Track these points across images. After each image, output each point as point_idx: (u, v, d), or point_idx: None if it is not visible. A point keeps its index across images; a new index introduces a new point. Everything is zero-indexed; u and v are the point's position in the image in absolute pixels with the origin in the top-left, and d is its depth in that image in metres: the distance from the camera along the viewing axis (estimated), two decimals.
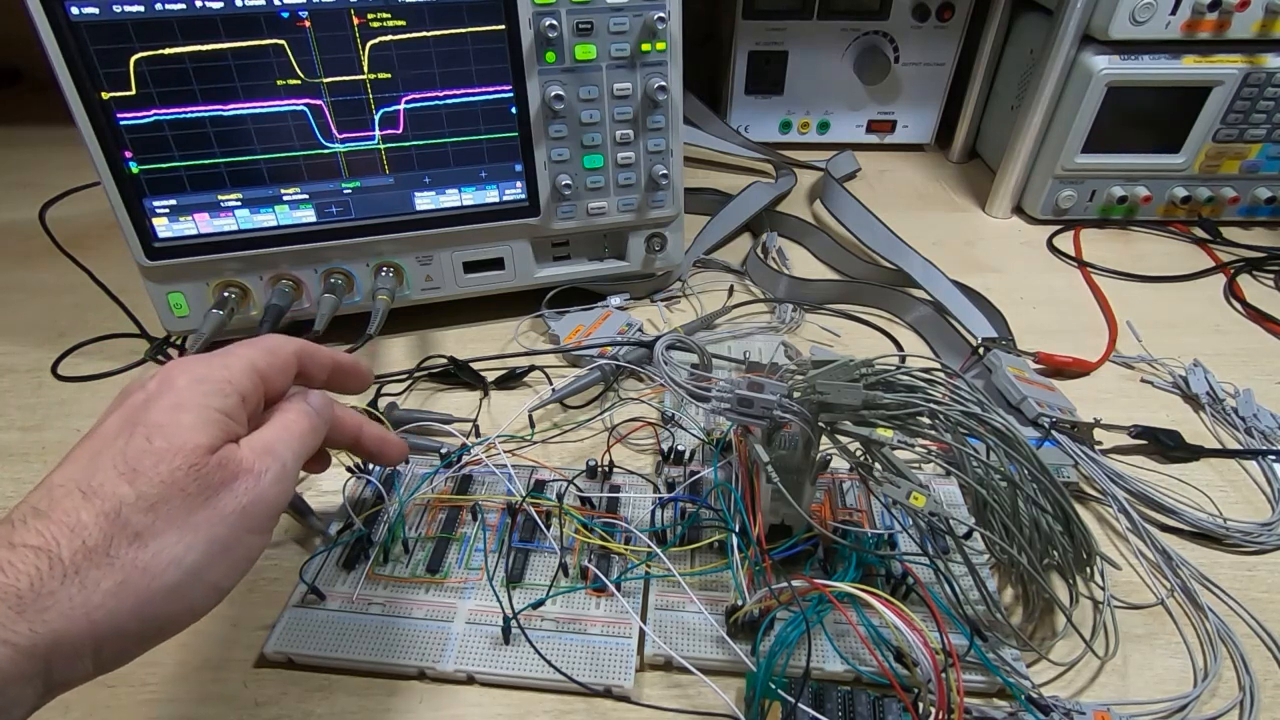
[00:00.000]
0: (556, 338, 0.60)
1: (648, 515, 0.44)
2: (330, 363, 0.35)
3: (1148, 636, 0.40)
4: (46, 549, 0.23)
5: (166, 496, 0.25)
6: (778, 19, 0.86)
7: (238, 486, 0.27)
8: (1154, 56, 0.69)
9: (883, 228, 0.70)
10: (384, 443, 0.38)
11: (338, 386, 0.36)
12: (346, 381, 0.36)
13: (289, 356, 0.32)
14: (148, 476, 0.25)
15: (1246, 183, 0.76)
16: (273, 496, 0.28)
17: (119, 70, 0.46)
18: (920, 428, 0.35)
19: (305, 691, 0.36)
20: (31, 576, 0.23)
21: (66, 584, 0.23)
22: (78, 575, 0.23)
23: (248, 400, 0.30)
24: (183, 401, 0.27)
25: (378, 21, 0.49)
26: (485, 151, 0.55)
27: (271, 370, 0.31)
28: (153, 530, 0.25)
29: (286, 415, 0.31)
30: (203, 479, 0.26)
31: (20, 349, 0.60)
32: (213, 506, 0.26)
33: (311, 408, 0.32)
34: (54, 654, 0.23)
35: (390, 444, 0.38)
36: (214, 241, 0.53)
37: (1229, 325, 0.65)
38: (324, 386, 0.35)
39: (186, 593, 0.25)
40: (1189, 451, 0.50)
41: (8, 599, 0.22)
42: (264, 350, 0.31)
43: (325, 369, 0.35)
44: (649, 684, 0.37)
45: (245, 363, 0.30)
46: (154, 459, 0.25)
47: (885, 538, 0.42)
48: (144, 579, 0.24)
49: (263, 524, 0.28)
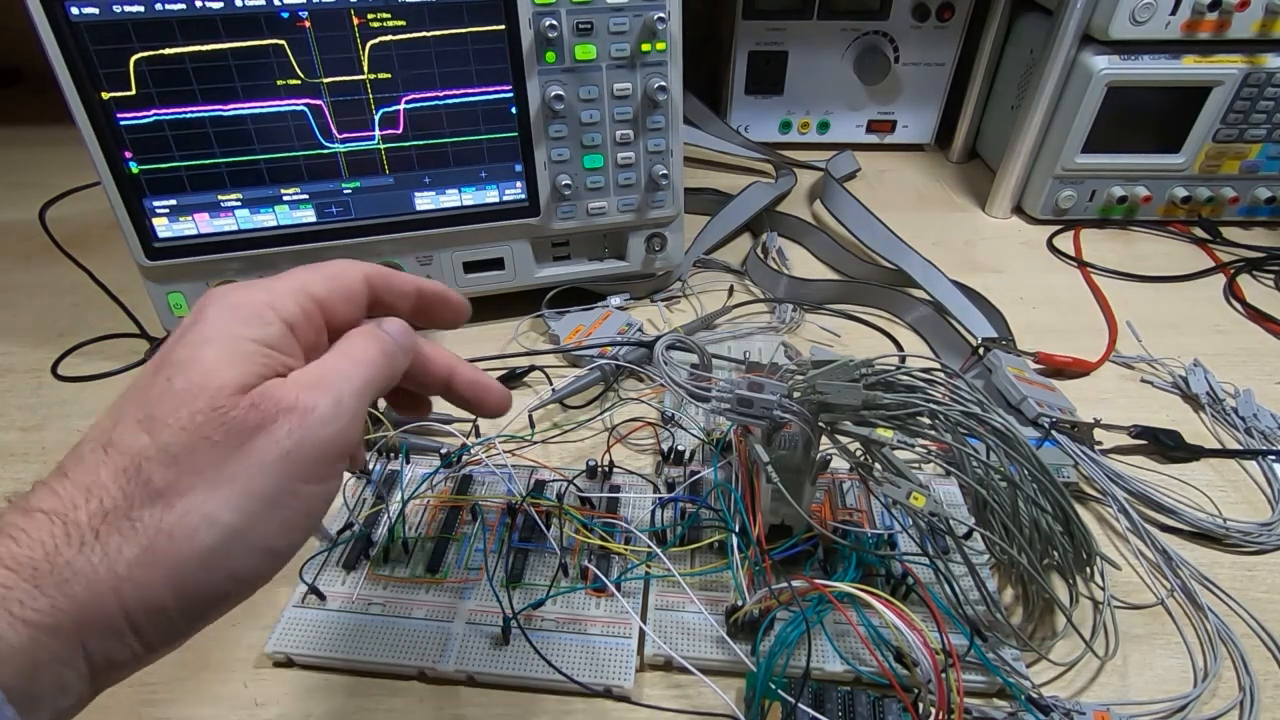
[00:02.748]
0: (556, 338, 0.60)
1: (648, 515, 0.44)
2: (412, 290, 0.29)
3: (1148, 636, 0.40)
4: (62, 514, 0.20)
5: (190, 446, 0.21)
6: (778, 19, 0.86)
7: (277, 429, 0.22)
8: (1154, 56, 0.69)
9: (883, 228, 0.70)
10: (482, 388, 0.31)
11: (425, 320, 0.30)
12: (435, 312, 0.30)
13: (355, 282, 0.27)
14: (166, 424, 0.21)
15: (1246, 183, 0.76)
16: (325, 437, 0.23)
17: (119, 70, 0.46)
18: (920, 428, 0.35)
19: (305, 691, 0.36)
20: (46, 545, 0.20)
21: (86, 552, 0.20)
22: (98, 542, 0.20)
23: (299, 330, 0.25)
24: (210, 334, 0.23)
25: (378, 21, 0.49)
26: (485, 151, 0.55)
27: (333, 297, 0.26)
28: (177, 488, 0.21)
29: (350, 342, 0.26)
30: (231, 423, 0.22)
31: (20, 349, 0.60)
32: (247, 455, 0.22)
33: (385, 333, 0.27)
34: (85, 631, 0.20)
35: (490, 390, 0.31)
36: (214, 241, 0.53)
37: (1229, 325, 0.65)
38: (413, 320, 0.30)
39: (227, 558, 0.22)
40: (1189, 451, 0.50)
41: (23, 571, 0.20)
42: (324, 274, 0.26)
43: (407, 298, 0.29)
44: (649, 684, 0.37)
45: (295, 285, 0.25)
46: (174, 403, 0.22)
47: (885, 538, 0.42)
48: (171, 545, 0.21)
49: (317, 471, 0.23)
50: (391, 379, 0.27)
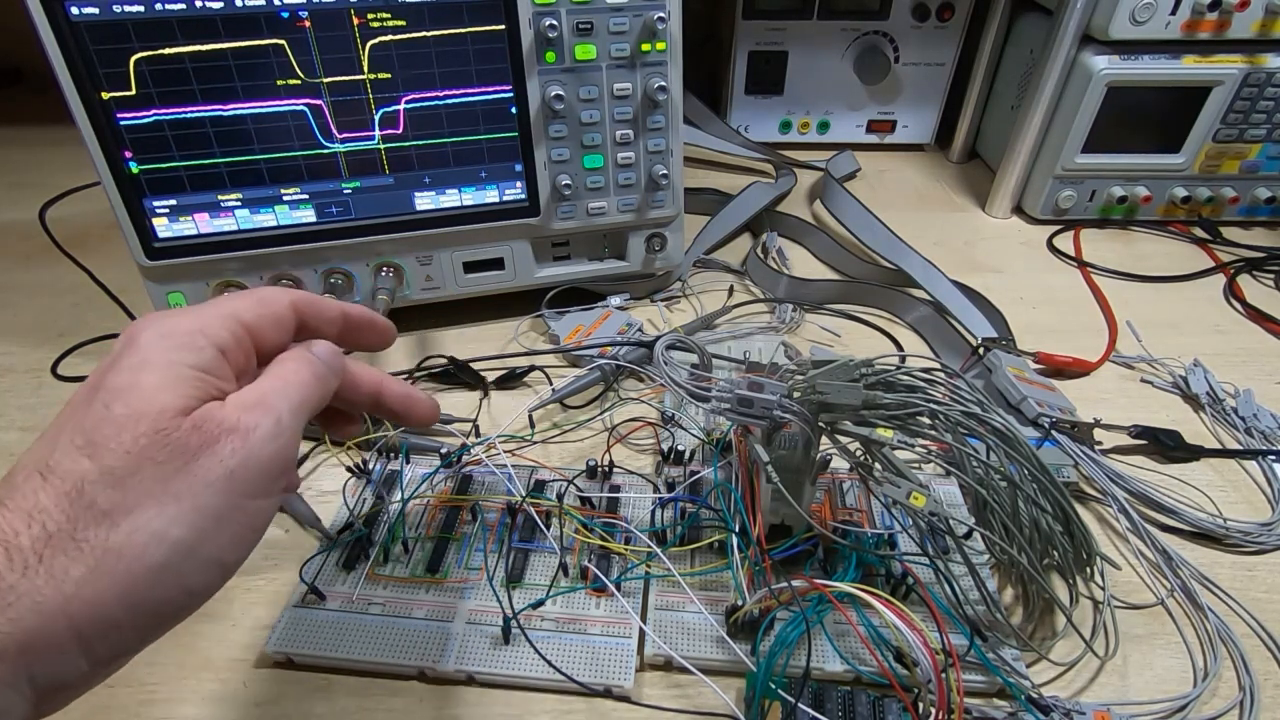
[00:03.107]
0: (556, 338, 0.60)
1: (648, 515, 0.44)
2: (338, 315, 0.30)
3: (1148, 636, 0.40)
4: (3, 540, 0.21)
5: (134, 468, 0.22)
6: (778, 19, 0.86)
7: (221, 448, 0.23)
8: (1154, 56, 0.69)
9: (883, 228, 0.70)
10: (410, 400, 0.33)
11: (352, 343, 0.32)
12: (362, 336, 0.32)
13: (283, 308, 0.28)
14: (109, 448, 0.22)
15: (1246, 183, 0.76)
16: (268, 455, 0.24)
17: (119, 70, 0.46)
18: (920, 428, 0.35)
19: (305, 691, 0.36)
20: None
21: (30, 575, 0.21)
22: (41, 565, 0.21)
23: (230, 354, 0.26)
24: (147, 359, 0.24)
25: (378, 21, 0.49)
26: (485, 151, 0.55)
27: (261, 322, 0.27)
28: (123, 507, 0.22)
29: (283, 365, 0.27)
30: (174, 445, 0.23)
31: (20, 349, 0.60)
32: (192, 473, 0.23)
33: (315, 355, 0.28)
34: (29, 654, 0.20)
35: (418, 402, 0.33)
36: (214, 241, 0.53)
37: (1229, 325, 0.65)
38: (338, 343, 0.31)
39: (179, 572, 0.23)
40: (1189, 451, 0.50)
41: None
42: (252, 300, 0.27)
43: (333, 323, 0.30)
44: (649, 684, 0.37)
45: (225, 312, 0.26)
46: (114, 428, 0.22)
47: (885, 538, 0.42)
48: (121, 562, 0.21)
49: (261, 487, 0.24)
50: (324, 398, 0.28)
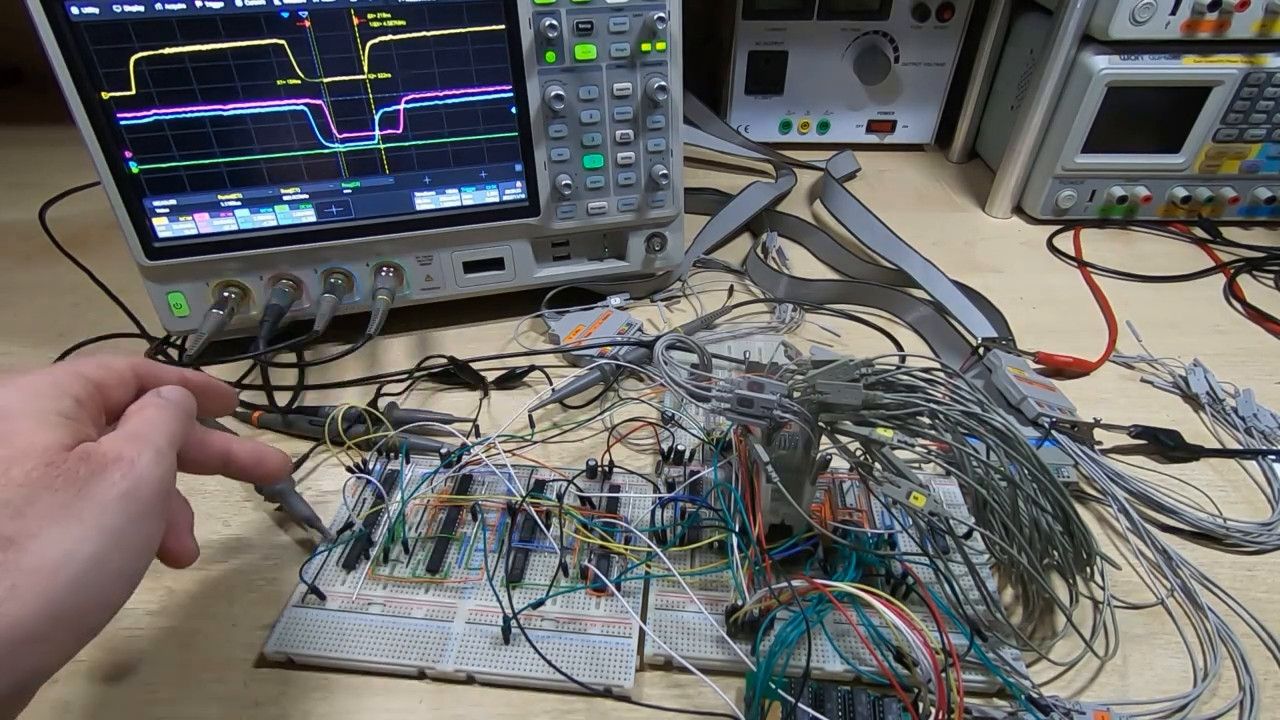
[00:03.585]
0: (556, 338, 0.60)
1: (648, 515, 0.44)
2: (178, 379, 0.32)
3: (1148, 636, 0.40)
4: None
5: (32, 497, 0.23)
6: (778, 19, 0.86)
7: (111, 474, 0.25)
8: (1154, 56, 0.69)
9: (883, 228, 0.70)
10: (260, 456, 0.34)
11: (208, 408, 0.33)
12: (202, 402, 0.33)
13: (123, 370, 0.30)
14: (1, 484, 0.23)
15: (1246, 183, 0.76)
16: (154, 479, 0.26)
17: (119, 70, 0.46)
18: (920, 428, 0.35)
19: (305, 691, 0.36)
20: None
21: None
22: None
23: (83, 404, 0.27)
24: (11, 410, 0.25)
25: (378, 21, 0.49)
26: (485, 151, 0.55)
27: (107, 381, 0.29)
28: (28, 531, 0.23)
29: (142, 409, 0.29)
30: (67, 473, 0.24)
31: (20, 349, 0.60)
32: (90, 497, 0.24)
33: (164, 398, 0.30)
34: None
35: (269, 456, 0.35)
36: (214, 241, 0.53)
37: (1229, 325, 0.65)
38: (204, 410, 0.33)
39: (92, 585, 0.24)
40: (1189, 451, 0.50)
41: None
42: (93, 362, 0.29)
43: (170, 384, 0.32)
44: (649, 684, 0.37)
45: (69, 369, 0.28)
46: (2, 466, 0.23)
47: (885, 538, 0.42)
48: (37, 579, 0.23)
49: (151, 507, 0.26)
50: (186, 431, 0.30)
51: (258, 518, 0.46)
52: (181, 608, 0.40)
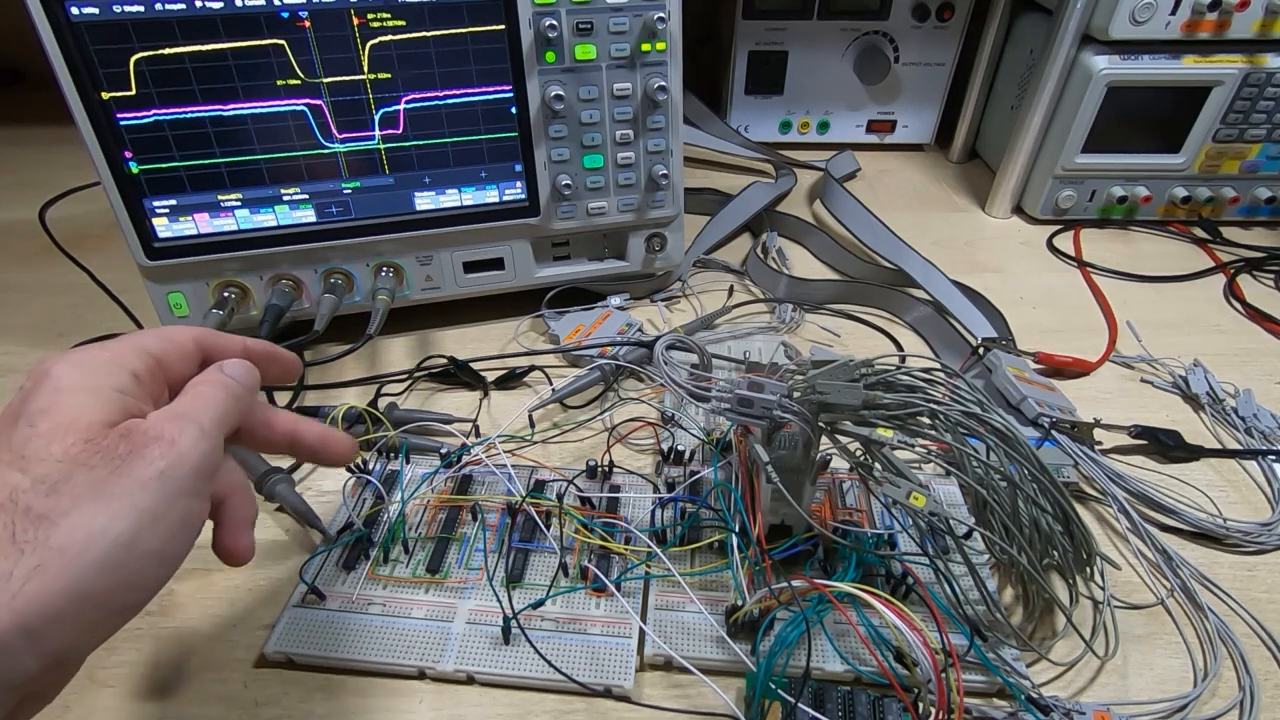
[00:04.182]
0: (556, 338, 0.60)
1: (648, 515, 0.44)
2: (240, 349, 0.32)
3: (1148, 636, 0.40)
4: None
5: (68, 475, 0.23)
6: (778, 19, 0.86)
7: (150, 452, 0.25)
8: (1154, 56, 0.69)
9: (883, 228, 0.70)
10: (327, 439, 0.33)
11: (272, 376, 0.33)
12: (264, 368, 0.32)
13: (186, 342, 0.30)
14: (40, 459, 0.23)
15: (1246, 183, 0.76)
16: (196, 457, 0.26)
17: (119, 70, 0.46)
18: (920, 428, 0.35)
19: (305, 691, 0.36)
20: None
21: None
22: None
23: (142, 379, 0.27)
24: (63, 385, 0.25)
25: (378, 21, 0.49)
26: (485, 151, 0.55)
27: (167, 354, 0.29)
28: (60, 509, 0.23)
29: (198, 385, 0.29)
30: (105, 451, 0.24)
31: (20, 349, 0.60)
32: (127, 475, 0.24)
33: (226, 374, 0.29)
34: None
35: (335, 440, 0.33)
36: (214, 241, 0.53)
37: (1229, 325, 0.65)
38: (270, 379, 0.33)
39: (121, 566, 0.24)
40: (1189, 451, 0.50)
41: None
42: (156, 335, 0.29)
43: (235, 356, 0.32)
44: (649, 684, 0.37)
45: (132, 343, 0.28)
46: (43, 441, 0.24)
47: (885, 538, 0.42)
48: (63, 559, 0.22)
49: (192, 485, 0.26)
50: (240, 412, 0.29)
51: None
52: (181, 608, 0.40)
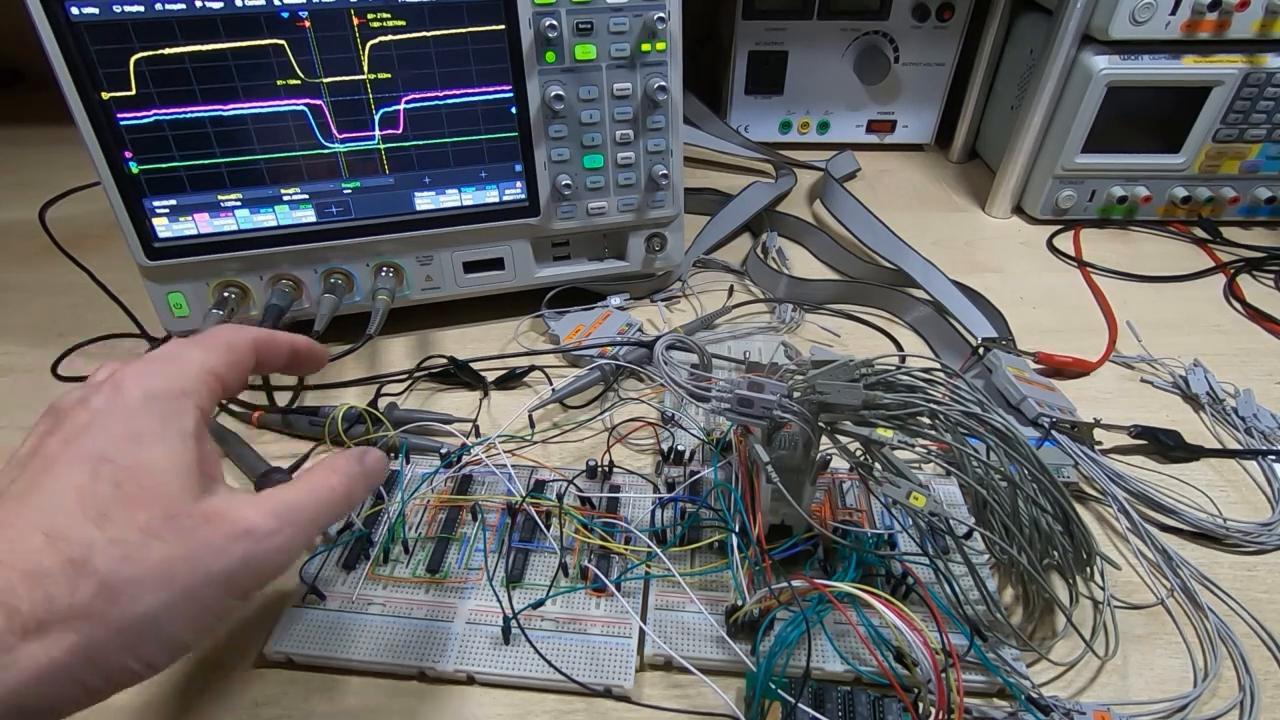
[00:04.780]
0: (556, 338, 0.60)
1: (648, 515, 0.44)
2: (288, 350, 0.32)
3: (1148, 636, 0.40)
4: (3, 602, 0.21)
5: (143, 546, 0.23)
6: (778, 19, 0.86)
7: (230, 548, 0.24)
8: (1154, 56, 0.69)
9: (883, 228, 0.70)
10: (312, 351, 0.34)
11: (295, 370, 0.34)
12: (304, 363, 0.34)
13: (247, 354, 0.30)
14: (120, 522, 0.23)
15: (1246, 183, 0.76)
16: (271, 566, 0.26)
17: (119, 70, 0.46)
18: (920, 428, 0.35)
19: (305, 691, 0.36)
20: None
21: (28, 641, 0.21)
22: (38, 628, 0.21)
23: (206, 411, 0.27)
24: (140, 431, 0.25)
25: (378, 21, 0.49)
26: (485, 151, 0.55)
27: (231, 373, 0.29)
28: (121, 580, 0.22)
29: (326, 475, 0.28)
30: (185, 532, 0.24)
31: (20, 349, 0.59)
32: (193, 564, 0.24)
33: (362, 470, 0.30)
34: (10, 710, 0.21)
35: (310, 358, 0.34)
36: (214, 241, 0.53)
37: (1229, 325, 0.65)
38: (281, 372, 0.34)
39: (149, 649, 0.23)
40: (1189, 451, 0.50)
41: None
42: (222, 351, 0.29)
43: (282, 358, 0.33)
44: (649, 684, 0.37)
45: (203, 368, 0.27)
46: (128, 505, 0.23)
47: (885, 538, 0.42)
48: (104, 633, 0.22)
49: (249, 590, 0.25)
50: (346, 513, 0.30)
51: None
52: None
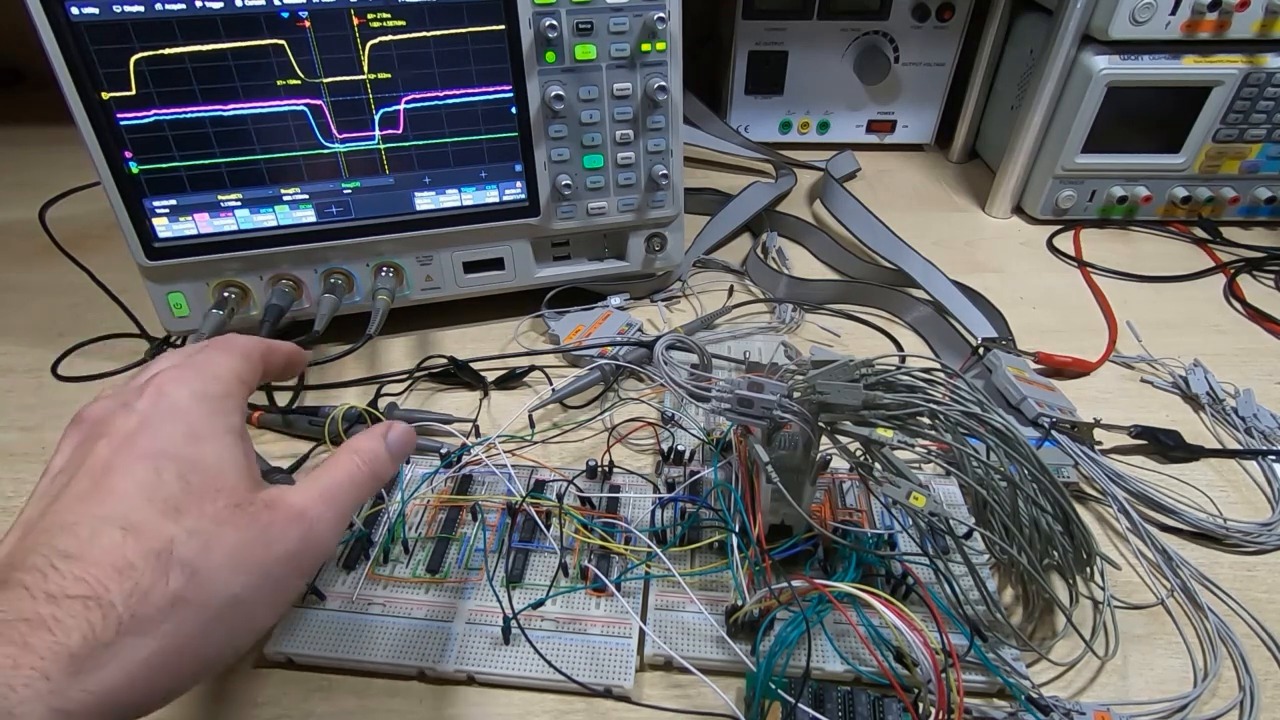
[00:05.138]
0: (556, 338, 0.60)
1: (648, 515, 0.44)
2: (284, 359, 0.35)
3: (1148, 636, 0.40)
4: (96, 597, 0.21)
5: (219, 534, 0.24)
6: (778, 19, 0.86)
7: (290, 530, 0.26)
8: (1154, 56, 0.69)
9: (883, 228, 0.70)
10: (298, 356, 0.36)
11: (283, 377, 0.36)
12: (293, 367, 0.36)
13: (259, 361, 0.32)
14: (194, 514, 0.24)
15: (1246, 183, 0.76)
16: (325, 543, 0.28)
17: (119, 70, 0.46)
18: (920, 428, 0.35)
19: (305, 691, 0.36)
20: (84, 632, 0.21)
21: (123, 635, 0.21)
22: (134, 622, 0.21)
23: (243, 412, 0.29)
24: (196, 428, 0.26)
25: (378, 21, 0.49)
26: (485, 151, 0.55)
27: (253, 379, 0.31)
28: (206, 565, 0.23)
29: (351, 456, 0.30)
30: (251, 518, 0.25)
31: (20, 349, 0.59)
32: (265, 545, 0.25)
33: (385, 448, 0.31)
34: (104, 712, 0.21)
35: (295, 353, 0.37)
36: (214, 241, 0.53)
37: (1229, 325, 0.65)
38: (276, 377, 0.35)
39: (238, 631, 0.25)
40: (1189, 451, 0.50)
41: (60, 661, 0.20)
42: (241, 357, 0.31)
43: (279, 366, 0.34)
44: (649, 684, 0.37)
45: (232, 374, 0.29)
46: (196, 497, 0.25)
47: (885, 538, 0.42)
48: (199, 619, 0.23)
49: (310, 568, 0.28)
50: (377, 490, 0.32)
51: None
52: None
